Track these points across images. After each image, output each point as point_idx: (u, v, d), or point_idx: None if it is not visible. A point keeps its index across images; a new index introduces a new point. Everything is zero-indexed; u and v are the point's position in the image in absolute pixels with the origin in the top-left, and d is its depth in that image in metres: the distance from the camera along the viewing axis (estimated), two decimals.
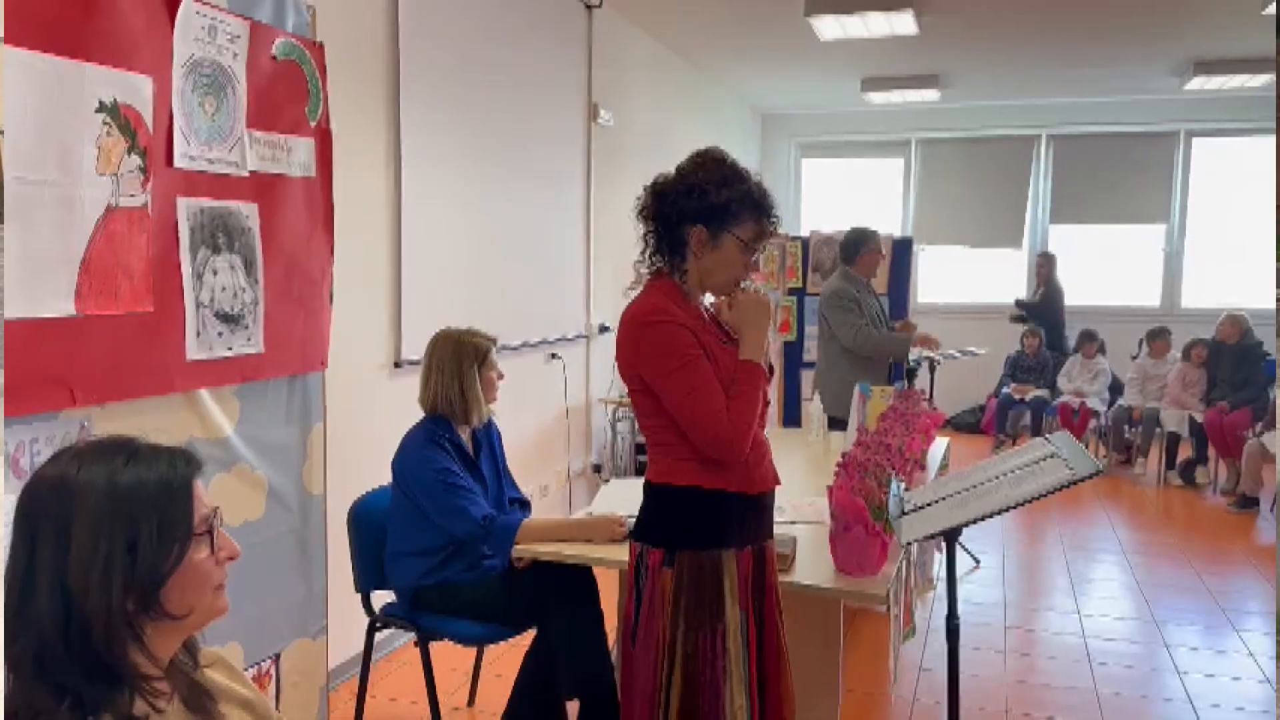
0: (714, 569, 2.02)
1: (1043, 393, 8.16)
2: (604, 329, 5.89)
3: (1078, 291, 9.31)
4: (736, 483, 2.04)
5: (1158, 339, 7.52)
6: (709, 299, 2.18)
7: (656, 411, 2.04)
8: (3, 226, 1.67)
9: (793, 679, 2.18)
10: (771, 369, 2.18)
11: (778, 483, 2.17)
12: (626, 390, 2.12)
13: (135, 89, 1.91)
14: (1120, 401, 7.67)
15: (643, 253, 2.12)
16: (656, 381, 2.00)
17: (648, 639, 2.05)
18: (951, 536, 2.16)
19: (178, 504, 1.23)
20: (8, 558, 1.19)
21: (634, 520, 2.68)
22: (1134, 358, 7.69)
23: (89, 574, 1.16)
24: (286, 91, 2.37)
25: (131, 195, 1.91)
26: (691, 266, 2.08)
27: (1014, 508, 2.02)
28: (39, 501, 1.19)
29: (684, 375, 1.98)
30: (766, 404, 2.14)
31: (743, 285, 2.13)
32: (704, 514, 2.04)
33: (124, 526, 1.18)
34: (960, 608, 2.24)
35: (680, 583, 2.02)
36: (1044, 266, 8.68)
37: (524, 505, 3.09)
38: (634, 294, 2.13)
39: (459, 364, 2.87)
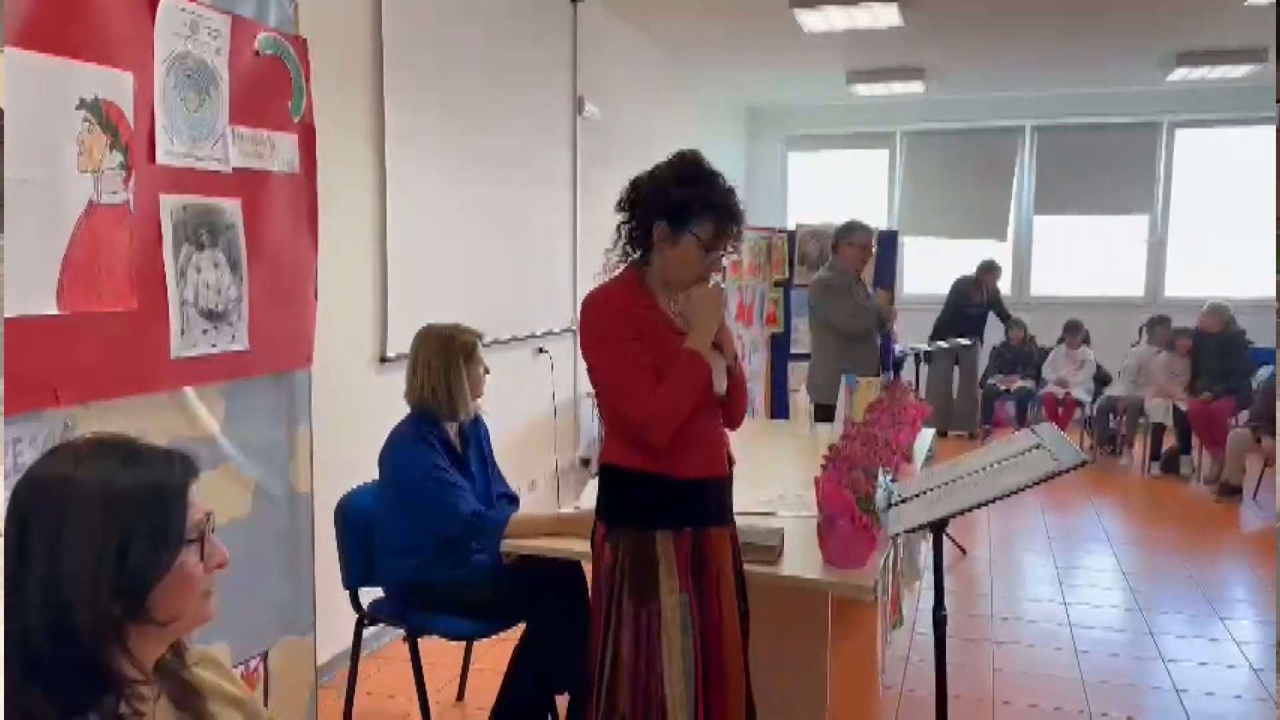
0: (647, 548, 2.10)
1: (1028, 383, 8.20)
2: None
3: (1062, 282, 9.35)
4: (663, 466, 2.11)
5: (1158, 326, 7.53)
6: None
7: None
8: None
9: (745, 672, 2.20)
10: (736, 358, 2.25)
11: (722, 472, 2.22)
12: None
13: (117, 85, 1.90)
14: (1107, 391, 7.71)
15: (615, 242, 2.22)
16: (591, 362, 2.13)
17: (597, 611, 2.16)
18: (938, 528, 2.17)
19: (172, 509, 1.22)
20: None
21: None
22: (1134, 345, 7.71)
23: (78, 576, 1.15)
24: (270, 87, 2.36)
25: (114, 192, 1.90)
26: (655, 260, 2.17)
27: (1000, 499, 2.03)
28: (33, 499, 1.18)
29: (614, 357, 2.08)
30: (730, 400, 2.20)
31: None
32: (635, 495, 2.14)
33: (117, 529, 1.17)
34: (947, 598, 2.25)
35: (617, 558, 2.12)
36: (989, 277, 8.50)
37: (512, 500, 3.09)
38: (601, 280, 2.22)
39: (445, 360, 2.86)
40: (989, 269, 8.39)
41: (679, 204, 2.10)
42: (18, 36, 1.68)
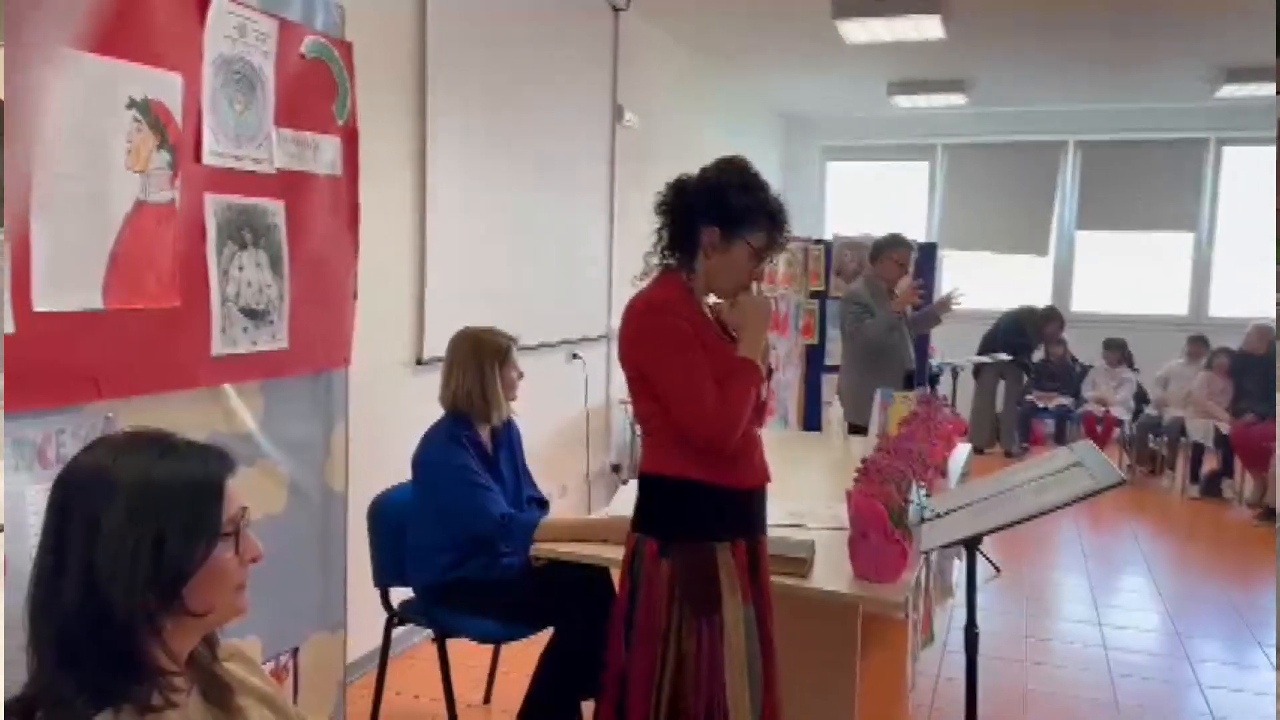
0: (709, 560, 2.06)
1: (1066, 401, 8.10)
2: None
3: (1103, 299, 9.22)
4: (724, 476, 2.08)
5: (1197, 344, 7.43)
6: (713, 300, 2.22)
7: (650, 400, 2.10)
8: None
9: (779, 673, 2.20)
10: (770, 371, 2.23)
11: (768, 479, 2.20)
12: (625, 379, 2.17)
13: (165, 86, 1.93)
14: (1147, 410, 7.60)
15: (655, 245, 2.18)
16: (651, 369, 2.06)
17: (645, 628, 2.09)
18: (972, 545, 2.15)
19: (208, 503, 1.24)
20: (39, 544, 1.20)
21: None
22: (1175, 363, 7.62)
23: (115, 566, 1.16)
24: (314, 90, 2.39)
25: (160, 191, 1.93)
26: (701, 266, 2.13)
27: (1035, 517, 2.01)
28: (73, 490, 1.20)
29: (677, 364, 2.03)
30: (762, 402, 2.18)
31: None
32: (695, 506, 2.09)
33: (153, 521, 1.19)
34: (980, 616, 2.23)
35: (676, 573, 2.06)
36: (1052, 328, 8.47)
37: (542, 504, 3.10)
38: (642, 285, 2.19)
39: (479, 362, 2.88)
40: (1051, 319, 8.28)
41: (734, 210, 2.07)
42: (71, 37, 1.71)
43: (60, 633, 1.17)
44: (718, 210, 2.07)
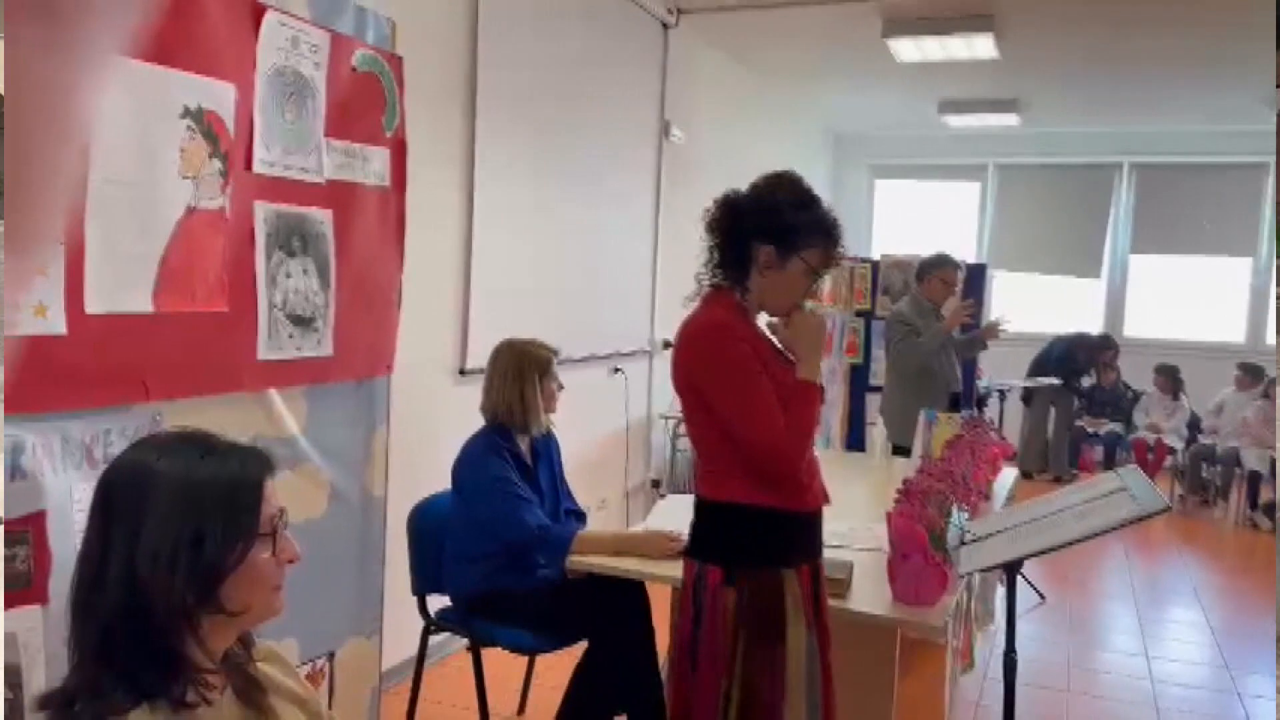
0: (775, 587, 2.02)
1: (1117, 426, 7.95)
2: (668, 344, 5.87)
3: (1157, 324, 9.04)
4: (791, 500, 2.03)
5: (1247, 374, 7.27)
6: (764, 317, 2.18)
7: (710, 424, 2.04)
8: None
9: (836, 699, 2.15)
10: (821, 390, 2.17)
11: (828, 501, 2.16)
12: (680, 403, 2.12)
13: (219, 96, 1.97)
14: (1200, 438, 7.43)
15: (706, 264, 2.12)
16: (715, 395, 2.01)
17: (709, 657, 2.04)
18: (1013, 569, 2.11)
19: (247, 503, 1.26)
20: (83, 541, 1.23)
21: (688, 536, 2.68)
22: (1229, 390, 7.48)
23: (155, 563, 1.19)
24: (364, 102, 2.43)
25: (211, 198, 1.97)
26: (754, 284, 2.08)
27: (1078, 542, 1.97)
28: (117, 487, 1.23)
29: (744, 390, 1.98)
30: (817, 424, 2.13)
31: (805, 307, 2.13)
32: (762, 532, 2.03)
33: (193, 520, 1.21)
34: (1022, 644, 2.18)
35: (742, 601, 2.01)
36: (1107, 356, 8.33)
37: (580, 516, 3.10)
38: (693, 304, 2.14)
39: (520, 374, 2.90)
40: (1105, 346, 8.15)
41: (790, 227, 2.02)
42: (126, 46, 1.76)
43: (101, 628, 1.19)
44: (772, 227, 2.02)
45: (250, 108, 2.06)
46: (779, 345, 2.13)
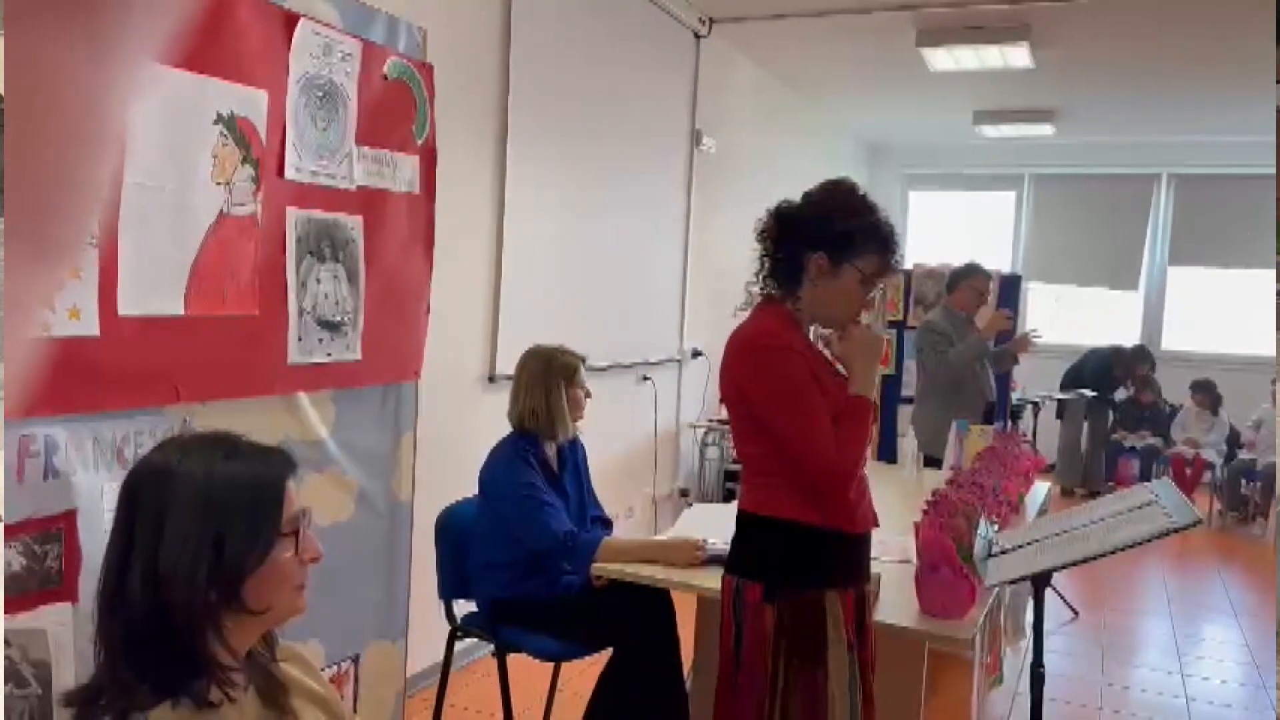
0: (816, 609, 1.95)
1: (1155, 440, 7.83)
2: (697, 354, 5.88)
3: (1195, 338, 8.90)
4: (839, 520, 1.97)
5: None
6: (820, 331, 2.13)
7: (759, 438, 1.99)
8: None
9: None
10: (875, 407, 2.11)
11: (877, 524, 2.10)
12: (726, 414, 2.07)
13: (251, 103, 2.00)
14: (1240, 454, 7.30)
15: (757, 274, 2.07)
16: (767, 407, 1.96)
17: (750, 677, 1.99)
18: (1040, 582, 2.08)
19: (269, 503, 1.27)
20: (109, 540, 1.25)
21: (714, 545, 2.67)
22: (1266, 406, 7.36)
23: (178, 562, 1.20)
24: (395, 110, 2.45)
25: (242, 204, 2.00)
26: (806, 294, 2.01)
27: (1107, 555, 1.94)
28: (141, 487, 1.24)
29: (797, 404, 1.93)
30: (869, 441, 2.08)
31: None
32: (806, 551, 1.97)
33: (215, 520, 1.22)
34: (1053, 659, 2.16)
35: (782, 621, 1.96)
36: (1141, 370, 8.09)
37: (606, 524, 3.10)
38: (744, 315, 2.09)
39: (546, 380, 2.90)
40: (1141, 358, 7.98)
41: (844, 235, 1.96)
42: (162, 54, 1.79)
43: (125, 625, 1.21)
44: (825, 234, 1.96)
45: (282, 114, 2.09)
46: (830, 359, 2.07)
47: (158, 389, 1.86)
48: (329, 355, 2.31)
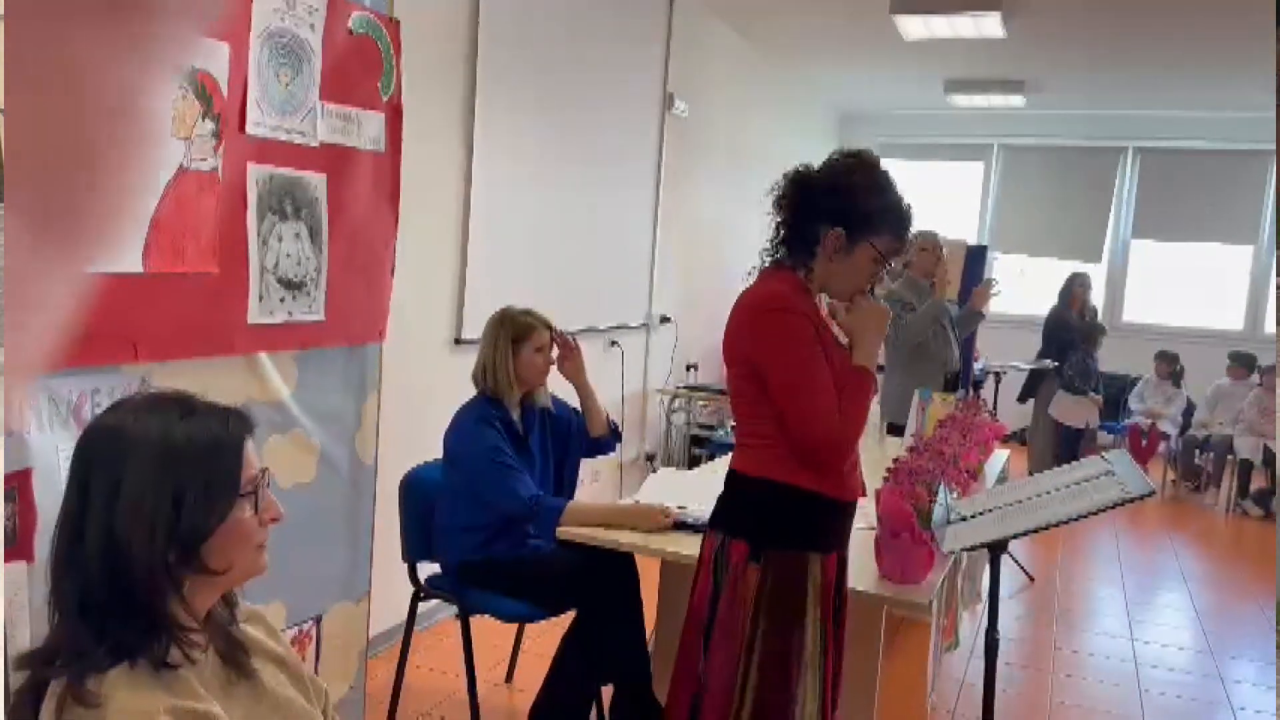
0: (801, 570, 1.98)
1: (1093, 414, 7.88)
2: (665, 319, 5.88)
3: (1156, 310, 9.03)
4: (832, 487, 1.99)
5: (1239, 364, 7.27)
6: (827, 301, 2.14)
7: (758, 401, 1.99)
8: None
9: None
10: (874, 378, 2.12)
11: (864, 493, 2.13)
12: (726, 375, 2.07)
13: (213, 55, 1.96)
14: (1193, 430, 7.44)
15: (770, 240, 2.08)
16: (770, 370, 1.96)
17: (728, 632, 2.01)
18: (996, 549, 2.12)
19: (226, 462, 1.26)
20: (63, 501, 1.23)
21: (681, 511, 2.69)
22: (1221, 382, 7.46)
23: (135, 523, 1.19)
24: (360, 66, 2.40)
25: (203, 159, 1.96)
26: (819, 266, 2.02)
27: (1063, 524, 1.98)
28: (95, 449, 1.23)
29: (801, 368, 1.93)
30: (868, 412, 2.09)
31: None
32: (797, 514, 1.99)
33: (172, 480, 1.21)
34: (1008, 624, 2.20)
35: (766, 580, 1.98)
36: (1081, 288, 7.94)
37: (615, 433, 3.17)
38: (750, 282, 2.09)
39: (495, 336, 2.90)
40: (1081, 283, 7.83)
41: (864, 213, 1.97)
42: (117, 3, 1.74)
43: (82, 587, 1.20)
44: (845, 211, 1.97)
45: (244, 69, 2.04)
46: (834, 329, 2.09)
47: (115, 347, 1.83)
48: (290, 315, 2.28)
